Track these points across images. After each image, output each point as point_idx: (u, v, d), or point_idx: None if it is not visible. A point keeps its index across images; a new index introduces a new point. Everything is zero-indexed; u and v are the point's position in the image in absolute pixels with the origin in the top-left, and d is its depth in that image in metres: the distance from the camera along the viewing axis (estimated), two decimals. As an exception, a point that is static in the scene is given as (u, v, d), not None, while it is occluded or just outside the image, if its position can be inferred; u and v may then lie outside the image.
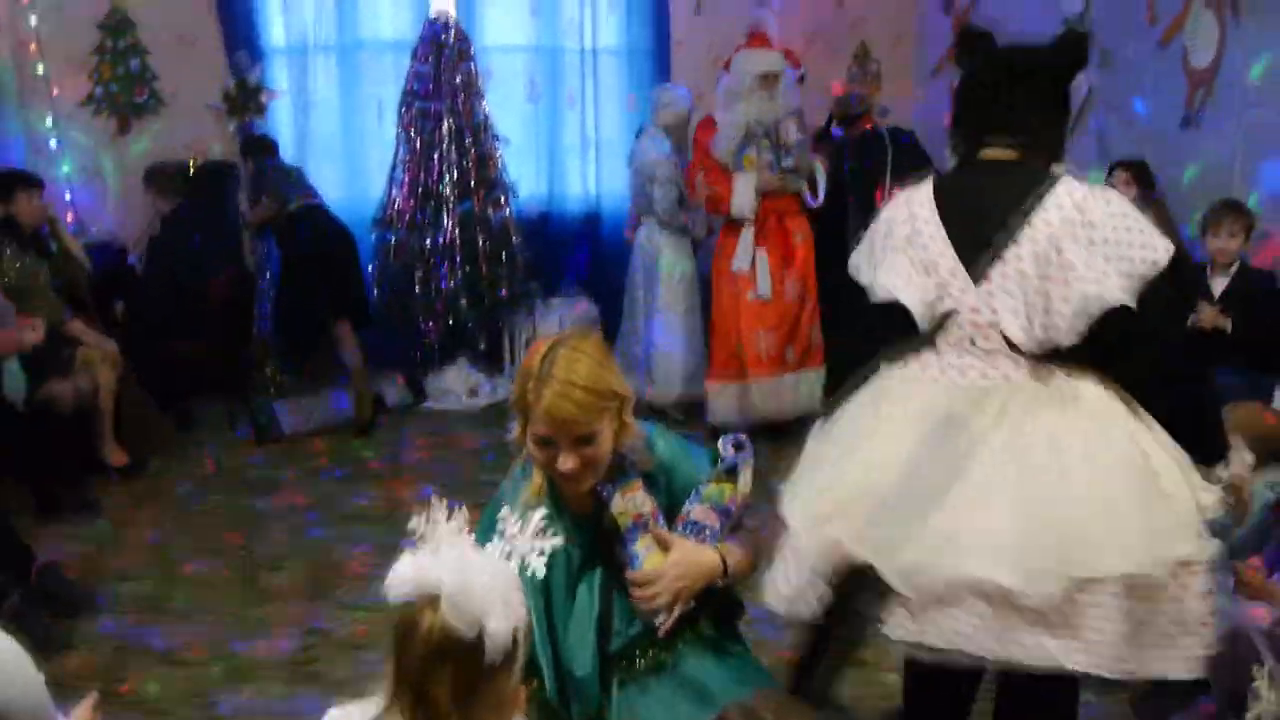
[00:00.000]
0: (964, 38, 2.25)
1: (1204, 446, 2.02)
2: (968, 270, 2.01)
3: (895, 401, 2.03)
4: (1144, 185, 4.84)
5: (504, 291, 6.31)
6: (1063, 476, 1.85)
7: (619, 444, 2.00)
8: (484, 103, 6.34)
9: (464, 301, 6.19)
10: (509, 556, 1.94)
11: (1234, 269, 4.23)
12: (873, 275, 2.12)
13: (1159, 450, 1.92)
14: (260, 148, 6.12)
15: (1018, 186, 2.02)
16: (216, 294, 6.04)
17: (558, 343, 1.97)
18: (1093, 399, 1.95)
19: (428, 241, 6.15)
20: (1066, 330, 1.93)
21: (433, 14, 6.26)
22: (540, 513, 1.94)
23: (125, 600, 3.84)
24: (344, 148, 6.92)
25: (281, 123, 6.77)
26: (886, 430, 2.00)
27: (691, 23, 7.16)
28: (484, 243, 6.23)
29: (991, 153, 2.12)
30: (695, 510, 2.06)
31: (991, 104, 2.14)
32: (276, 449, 5.55)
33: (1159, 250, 1.93)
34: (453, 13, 6.29)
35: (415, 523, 1.56)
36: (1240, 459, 2.12)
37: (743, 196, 5.17)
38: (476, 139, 6.26)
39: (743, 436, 2.10)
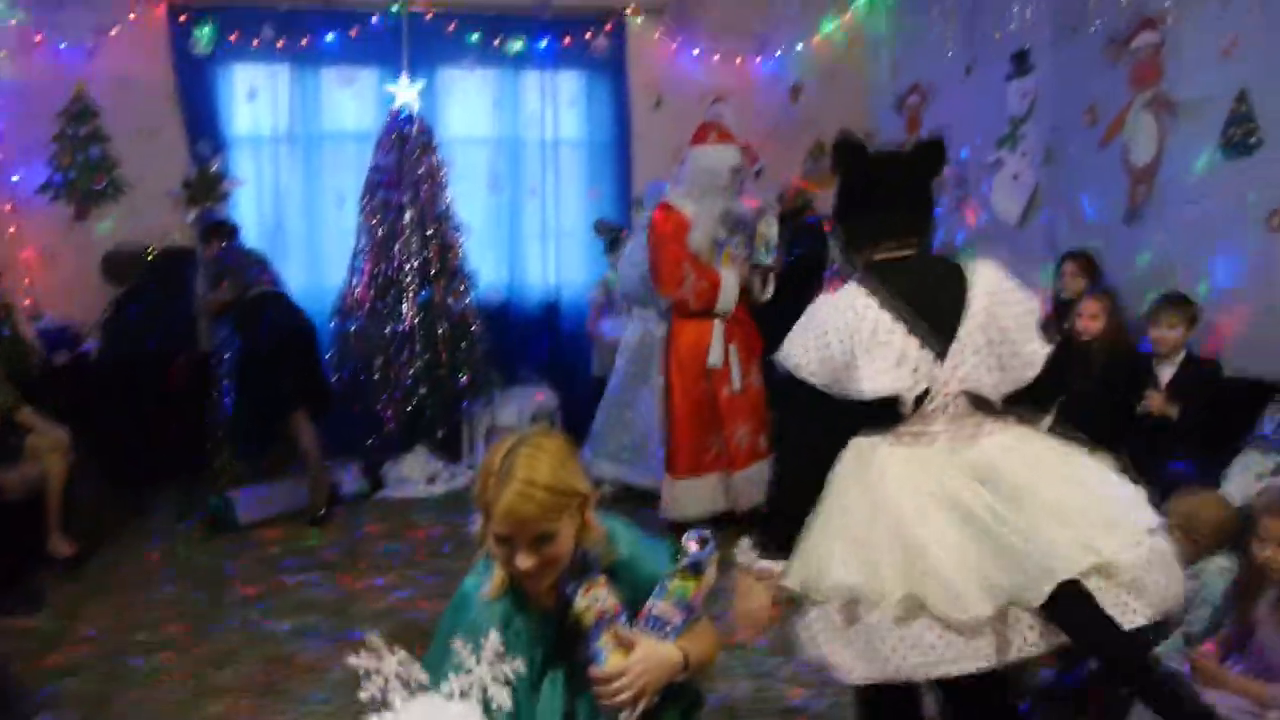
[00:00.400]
0: (841, 149, 2.56)
1: None
2: (934, 351, 2.34)
3: (904, 479, 2.31)
4: (1091, 276, 4.99)
5: (463, 379, 6.32)
6: (1068, 481, 2.30)
7: (581, 542, 2.00)
8: (446, 193, 6.42)
9: (423, 389, 6.19)
10: (469, 689, 1.89)
11: (1180, 359, 4.32)
12: (835, 377, 2.34)
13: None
14: (221, 232, 6.13)
15: (944, 274, 2.44)
16: (173, 379, 5.97)
17: (520, 441, 1.98)
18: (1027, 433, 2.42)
19: (388, 329, 6.17)
20: (1019, 380, 2.38)
21: (396, 106, 6.36)
22: (495, 637, 1.91)
23: (69, 698, 3.71)
24: (305, 236, 6.97)
25: (243, 211, 6.81)
26: (913, 505, 2.27)
27: (651, 117, 7.34)
28: (444, 331, 6.25)
29: (893, 247, 2.47)
30: (658, 606, 2.06)
31: (883, 210, 2.49)
32: (229, 539, 5.46)
33: (1034, 301, 2.44)
34: (416, 105, 6.39)
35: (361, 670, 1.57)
36: None
37: (729, 292, 5.19)
38: (438, 228, 6.33)
39: (707, 533, 2.12)
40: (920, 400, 2.33)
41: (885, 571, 2.20)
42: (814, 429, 2.42)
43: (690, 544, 2.09)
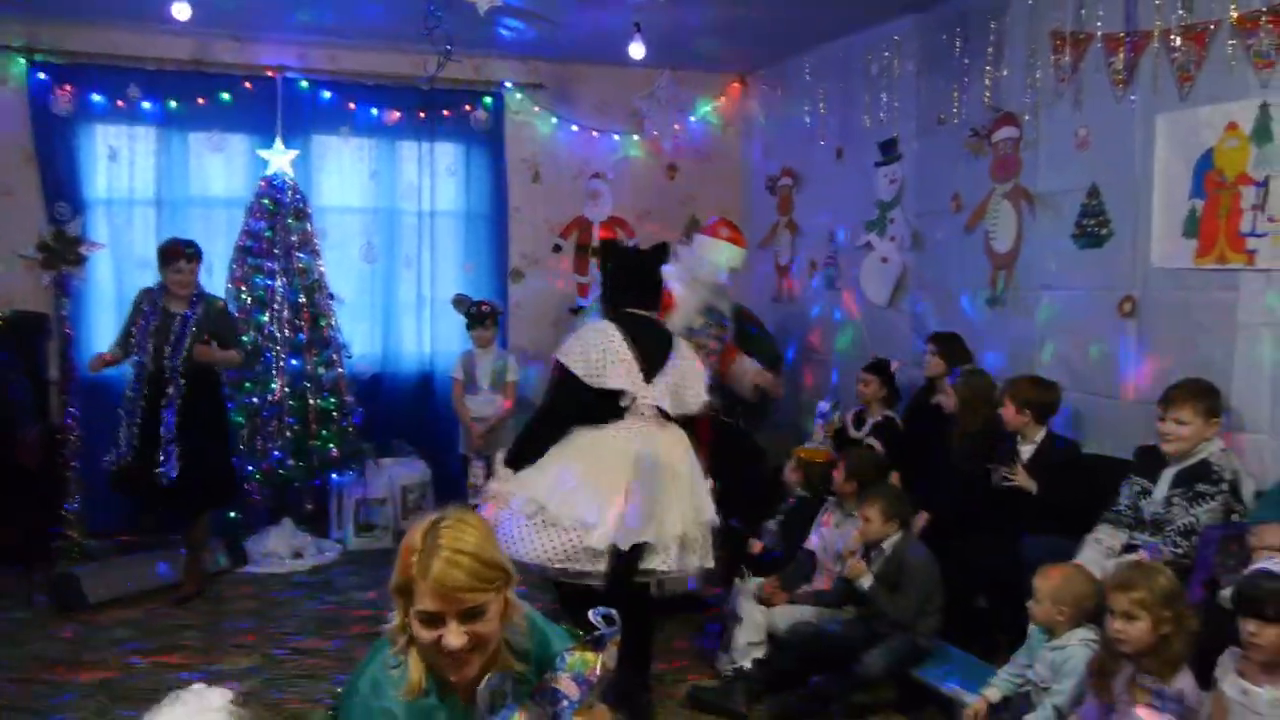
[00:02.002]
0: (606, 247, 4.60)
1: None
2: (644, 375, 3.94)
3: (612, 447, 3.87)
4: (957, 358, 5.16)
5: (333, 451, 6.17)
6: (695, 474, 4.05)
7: (505, 623, 1.97)
8: (320, 261, 6.31)
9: (291, 461, 6.01)
10: None
11: (1040, 438, 4.50)
12: (591, 372, 3.88)
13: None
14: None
15: (662, 335, 4.11)
16: (23, 454, 5.59)
17: (441, 517, 1.94)
18: (683, 436, 4.09)
19: (255, 399, 5.99)
20: (684, 409, 4.05)
21: (269, 172, 6.24)
22: None
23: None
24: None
25: (101, 275, 6.54)
26: (614, 464, 3.84)
27: (529, 191, 7.38)
28: (314, 401, 6.11)
29: (635, 311, 4.07)
30: (558, 679, 2.03)
31: (630, 287, 4.15)
32: (80, 620, 5.13)
33: (703, 369, 4.23)
34: (290, 172, 6.28)
35: None
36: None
37: None
38: (310, 297, 6.21)
39: (613, 612, 2.10)
40: (632, 403, 3.90)
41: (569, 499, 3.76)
42: (565, 402, 3.95)
43: (595, 619, 2.08)
